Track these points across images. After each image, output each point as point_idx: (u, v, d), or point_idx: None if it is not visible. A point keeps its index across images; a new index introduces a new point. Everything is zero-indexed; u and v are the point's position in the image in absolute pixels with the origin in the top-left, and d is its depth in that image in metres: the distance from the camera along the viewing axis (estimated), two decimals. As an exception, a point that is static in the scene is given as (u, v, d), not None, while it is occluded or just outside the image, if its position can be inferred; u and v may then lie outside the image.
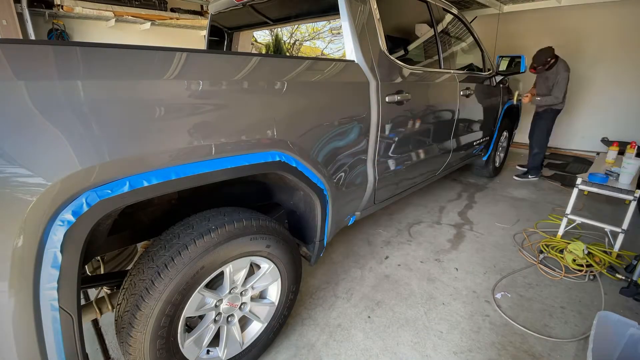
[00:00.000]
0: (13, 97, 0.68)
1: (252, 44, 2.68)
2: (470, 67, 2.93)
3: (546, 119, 3.66)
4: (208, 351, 1.27)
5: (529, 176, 3.86)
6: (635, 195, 2.10)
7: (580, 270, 2.06)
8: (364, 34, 1.60)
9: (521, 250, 2.34)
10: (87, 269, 1.52)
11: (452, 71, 2.42)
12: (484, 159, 3.57)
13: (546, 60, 3.39)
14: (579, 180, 2.32)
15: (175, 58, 0.94)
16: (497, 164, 3.89)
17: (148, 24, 4.61)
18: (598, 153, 3.82)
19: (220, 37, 2.59)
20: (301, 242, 1.63)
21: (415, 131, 2.05)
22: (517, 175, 3.92)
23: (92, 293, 1.79)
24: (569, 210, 2.41)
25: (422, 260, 2.21)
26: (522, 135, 5.49)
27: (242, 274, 1.25)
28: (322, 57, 2.09)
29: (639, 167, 2.27)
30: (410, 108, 1.91)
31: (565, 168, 4.35)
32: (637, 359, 1.30)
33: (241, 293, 1.29)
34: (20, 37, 3.50)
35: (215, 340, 1.27)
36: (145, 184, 0.86)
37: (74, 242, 0.78)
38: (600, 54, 4.68)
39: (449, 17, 2.56)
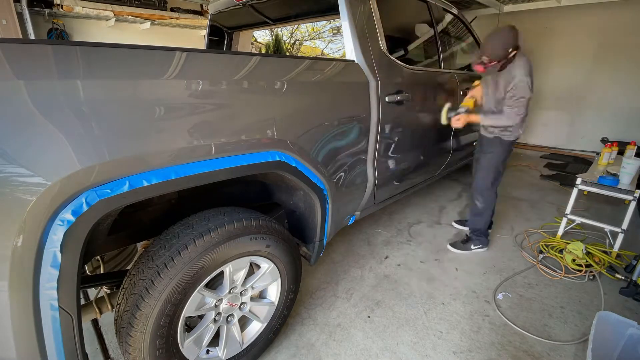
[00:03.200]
0: (13, 97, 0.68)
1: (252, 43, 2.68)
2: (470, 67, 2.93)
3: (496, 151, 2.10)
4: (208, 351, 1.27)
5: (472, 246, 2.29)
6: (635, 195, 2.10)
7: (580, 271, 2.06)
8: (364, 34, 1.60)
9: (521, 251, 2.34)
10: (87, 269, 1.52)
11: (452, 71, 2.42)
12: (484, 159, 3.57)
13: (506, 52, 1.83)
14: (578, 180, 2.32)
15: (175, 58, 0.94)
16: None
17: (148, 24, 4.60)
18: (598, 153, 3.82)
19: (220, 36, 2.59)
20: (301, 241, 1.63)
21: (415, 131, 2.04)
22: (452, 245, 2.34)
23: (92, 293, 1.78)
24: (568, 210, 2.41)
25: (422, 260, 2.21)
26: (522, 135, 5.49)
27: (242, 273, 1.25)
28: (322, 57, 2.09)
29: (638, 167, 2.27)
30: (410, 108, 1.91)
31: (565, 168, 4.35)
32: (637, 359, 1.31)
33: (241, 293, 1.29)
34: (20, 36, 3.50)
35: (215, 340, 1.27)
36: (145, 183, 0.86)
37: (73, 242, 0.78)
38: (600, 54, 4.68)
39: (449, 17, 2.57)
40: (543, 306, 1.79)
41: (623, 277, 1.97)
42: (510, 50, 1.83)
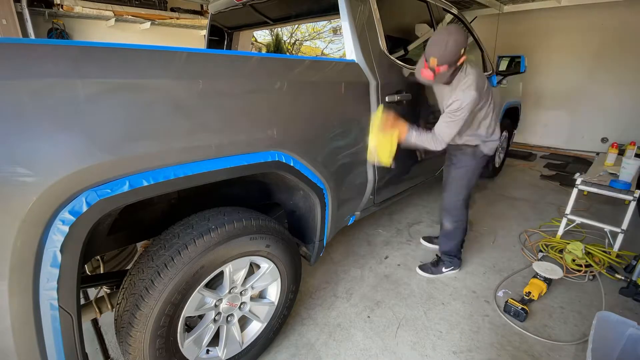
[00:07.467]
0: (13, 97, 0.68)
1: (252, 43, 2.68)
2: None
3: (471, 165, 1.88)
4: (208, 351, 1.27)
5: (444, 269, 2.03)
6: (635, 195, 2.10)
7: (580, 271, 2.06)
8: (364, 34, 1.60)
9: (522, 250, 2.34)
10: (87, 269, 1.52)
11: (452, 71, 2.42)
12: (484, 159, 3.56)
13: (458, 54, 1.46)
14: (578, 181, 2.32)
15: (175, 58, 0.94)
16: (497, 165, 3.89)
17: (148, 24, 4.60)
18: (598, 153, 3.82)
19: (220, 36, 2.59)
20: (301, 241, 1.63)
21: (415, 131, 2.04)
22: (422, 268, 2.07)
23: (92, 293, 1.78)
24: (568, 210, 2.41)
25: (422, 260, 2.21)
26: (522, 135, 5.50)
27: (242, 273, 1.25)
28: (322, 57, 2.10)
29: (638, 167, 2.27)
30: (410, 108, 1.91)
31: (565, 168, 4.36)
32: (637, 359, 1.30)
33: (241, 293, 1.29)
34: (20, 36, 3.50)
35: (214, 340, 1.27)
36: (145, 183, 0.86)
37: (73, 242, 0.78)
38: (600, 54, 4.68)
39: (449, 17, 2.56)
40: (543, 306, 1.79)
41: (623, 277, 1.97)
42: (461, 54, 1.47)
